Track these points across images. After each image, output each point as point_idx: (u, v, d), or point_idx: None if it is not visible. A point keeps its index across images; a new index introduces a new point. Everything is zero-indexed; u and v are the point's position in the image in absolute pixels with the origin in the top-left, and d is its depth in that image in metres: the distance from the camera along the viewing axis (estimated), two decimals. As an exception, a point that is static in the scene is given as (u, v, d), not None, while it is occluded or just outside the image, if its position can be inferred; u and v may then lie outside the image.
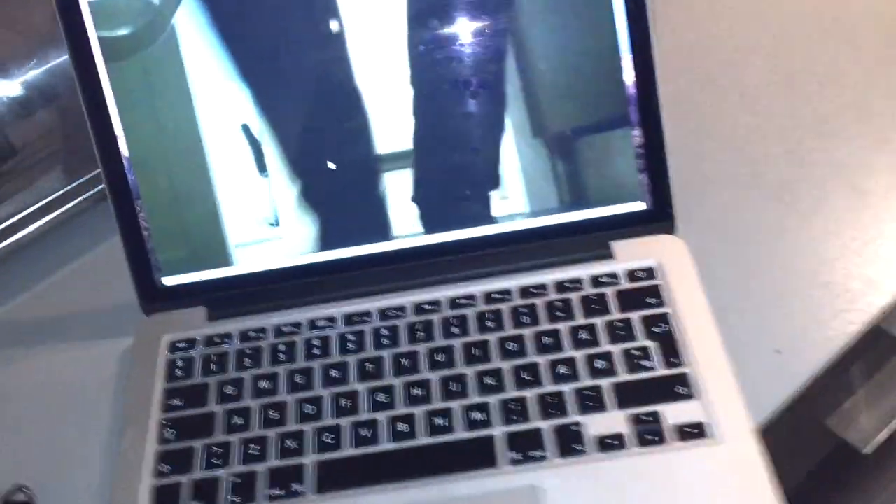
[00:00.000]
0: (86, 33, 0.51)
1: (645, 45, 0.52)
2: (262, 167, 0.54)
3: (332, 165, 0.54)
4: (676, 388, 0.48)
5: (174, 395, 0.52)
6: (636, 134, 0.53)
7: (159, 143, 0.53)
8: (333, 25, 0.52)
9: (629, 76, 0.52)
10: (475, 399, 0.49)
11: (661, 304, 0.52)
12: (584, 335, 0.51)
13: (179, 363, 0.53)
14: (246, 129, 0.54)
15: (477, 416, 0.49)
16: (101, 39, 0.52)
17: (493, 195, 0.55)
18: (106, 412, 0.53)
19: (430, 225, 0.55)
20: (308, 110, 0.53)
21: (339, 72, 0.53)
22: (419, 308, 0.54)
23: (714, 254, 0.55)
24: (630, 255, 0.54)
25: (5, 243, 0.56)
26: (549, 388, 0.49)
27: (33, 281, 0.61)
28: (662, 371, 0.49)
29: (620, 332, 0.51)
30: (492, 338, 0.52)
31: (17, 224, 0.56)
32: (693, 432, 0.47)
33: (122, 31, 0.51)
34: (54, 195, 0.56)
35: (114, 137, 0.53)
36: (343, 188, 0.55)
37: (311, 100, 0.53)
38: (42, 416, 0.54)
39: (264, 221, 0.55)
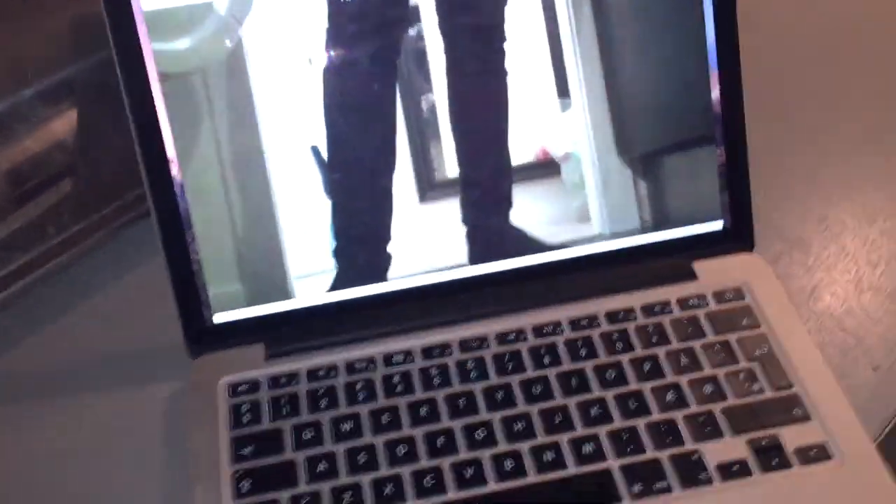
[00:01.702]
0: (139, 45, 0.46)
1: (733, 63, 0.51)
2: (328, 192, 0.50)
3: (396, 188, 0.51)
4: (793, 410, 0.46)
5: (244, 443, 0.46)
6: (720, 153, 0.52)
7: (217, 167, 0.49)
8: (408, 49, 0.49)
9: (716, 95, 0.51)
10: (582, 431, 0.46)
11: (755, 324, 0.50)
12: (684, 359, 0.49)
13: (245, 408, 0.48)
14: (315, 151, 0.50)
15: (588, 448, 0.45)
16: (156, 53, 0.47)
17: (572, 217, 0.53)
18: (159, 467, 0.47)
19: (503, 250, 0.52)
20: (379, 132, 0.50)
21: (406, 95, 0.49)
22: (502, 338, 0.50)
23: (794, 268, 0.55)
24: (714, 275, 0.52)
25: (22, 282, 0.50)
26: (659, 415, 0.46)
27: (54, 320, 0.54)
28: (772, 393, 0.47)
29: (721, 355, 0.49)
30: (587, 366, 0.49)
31: (37, 258, 0.50)
32: (816, 454, 0.45)
33: (182, 44, 0.47)
34: (78, 225, 0.51)
35: (166, 161, 0.48)
36: (413, 213, 0.51)
37: (379, 123, 0.50)
38: (86, 474, 0.47)
39: (328, 250, 0.51)
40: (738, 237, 0.53)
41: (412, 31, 0.50)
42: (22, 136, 0.49)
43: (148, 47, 0.47)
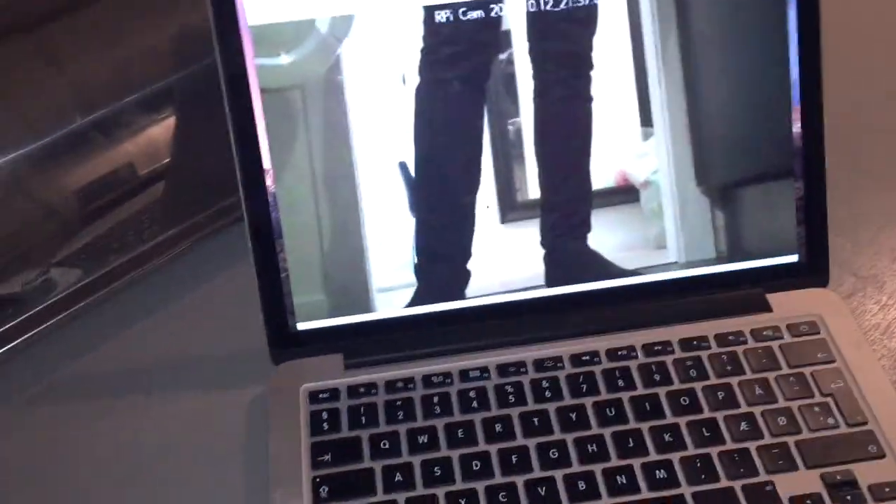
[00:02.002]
0: (243, 59, 0.48)
1: (816, 98, 0.51)
2: (413, 208, 0.52)
3: (487, 206, 0.52)
4: (868, 446, 0.46)
5: (323, 449, 0.47)
6: (798, 187, 0.53)
7: (309, 180, 0.50)
8: (502, 72, 0.50)
9: (798, 129, 0.52)
10: (655, 456, 0.47)
11: (830, 359, 0.50)
12: (758, 390, 0.49)
13: (324, 415, 0.49)
14: (403, 167, 0.51)
15: (661, 474, 0.46)
16: (259, 67, 0.49)
17: (649, 244, 0.54)
18: (239, 469, 0.49)
19: (579, 274, 0.53)
20: (466, 151, 0.51)
21: (493, 117, 0.51)
22: (577, 359, 0.51)
23: (867, 305, 0.55)
24: (788, 308, 0.53)
25: (115, 284, 0.52)
26: (733, 445, 0.47)
27: (141, 321, 0.56)
28: (846, 429, 0.47)
29: (795, 387, 0.49)
30: (661, 391, 0.49)
31: (132, 261, 0.52)
32: (890, 492, 0.45)
33: (284, 59, 0.48)
34: (170, 230, 0.52)
35: (262, 171, 0.49)
36: (494, 233, 0.53)
37: (466, 143, 0.51)
38: (168, 475, 0.49)
39: (410, 265, 0.52)
40: (813, 272, 0.54)
41: (503, 56, 0.51)
42: (123, 140, 0.51)
43: (252, 61, 0.49)
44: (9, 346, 0.50)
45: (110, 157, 0.51)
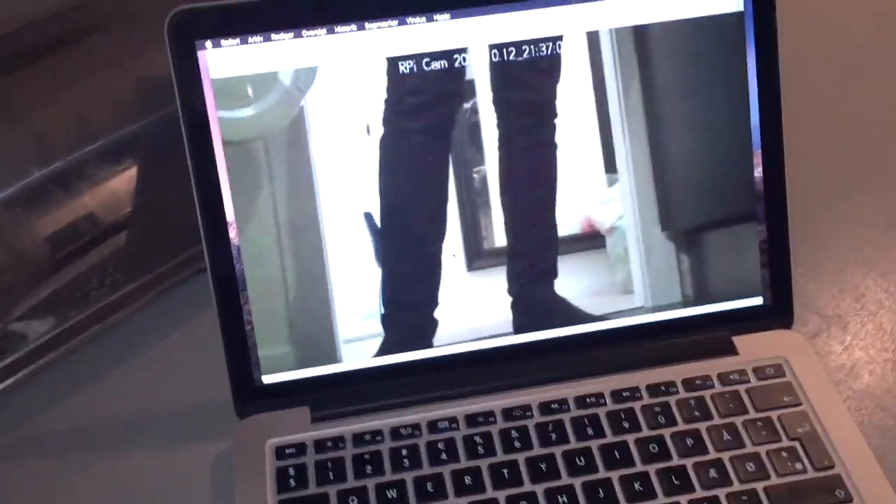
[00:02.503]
0: (206, 112, 0.47)
1: (776, 143, 0.52)
2: (379, 258, 0.51)
3: (454, 255, 0.52)
4: (835, 490, 0.46)
5: (290, 507, 0.48)
6: (761, 229, 0.53)
7: (273, 231, 0.50)
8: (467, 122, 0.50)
9: (759, 173, 0.52)
10: (625, 506, 0.47)
11: (796, 402, 0.51)
12: (726, 435, 0.49)
13: (291, 471, 0.48)
14: (368, 217, 0.51)
15: (631, 524, 0.46)
16: (221, 119, 0.48)
17: (615, 289, 0.54)
18: (204, 528, 0.48)
19: (546, 320, 0.53)
20: (432, 201, 0.51)
21: (458, 166, 0.51)
22: (546, 407, 0.51)
23: (832, 346, 0.55)
24: (754, 351, 0.53)
25: (77, 339, 0.51)
26: (703, 493, 0.46)
27: (104, 375, 0.54)
28: (814, 473, 0.47)
29: (762, 431, 0.49)
30: (629, 438, 0.49)
31: (93, 314, 0.51)
32: (858, 538, 0.46)
33: (247, 112, 0.48)
34: (132, 282, 0.52)
35: (225, 224, 0.49)
36: (461, 281, 0.52)
37: (431, 192, 0.51)
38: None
39: (376, 315, 0.52)
40: (777, 314, 0.54)
41: (467, 105, 0.51)
42: (82, 192, 0.50)
43: (214, 114, 0.48)
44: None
45: (70, 208, 0.50)
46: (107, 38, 0.52)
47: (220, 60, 0.48)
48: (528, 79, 0.51)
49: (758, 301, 0.54)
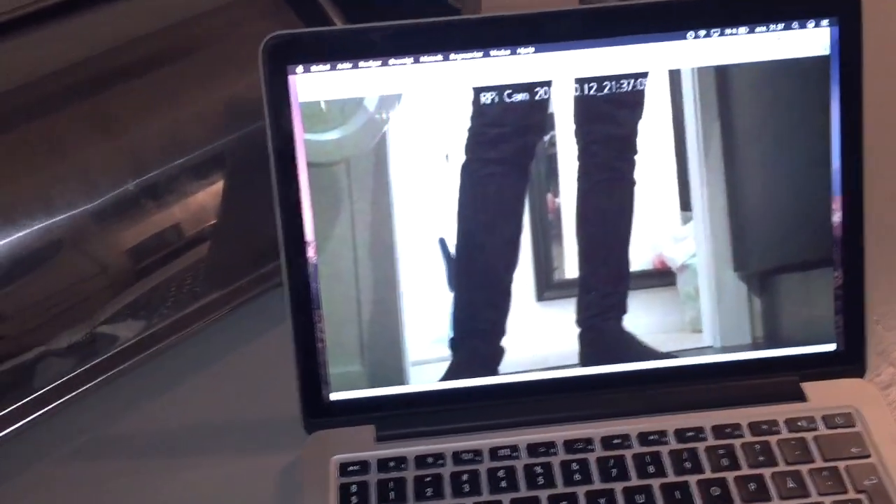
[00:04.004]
0: (293, 133, 0.49)
1: (857, 189, 0.52)
2: (451, 284, 0.52)
3: (516, 286, 0.52)
4: (901, 547, 0.46)
5: (352, 524, 0.48)
6: (837, 275, 0.53)
7: (350, 253, 0.51)
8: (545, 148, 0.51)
9: (837, 219, 0.52)
10: (685, 547, 0.47)
11: (865, 453, 0.50)
12: (791, 483, 0.49)
13: (353, 488, 0.49)
14: (442, 243, 0.52)
15: (690, 566, 0.46)
16: (307, 142, 0.50)
17: (684, 327, 0.54)
18: (267, 538, 0.49)
19: (613, 354, 0.53)
20: (506, 231, 0.52)
21: (534, 197, 0.51)
22: (608, 442, 0.51)
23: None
24: (823, 398, 0.52)
25: (156, 347, 0.53)
26: (764, 539, 0.47)
27: (178, 383, 0.56)
28: (879, 527, 0.48)
29: (828, 482, 0.49)
30: (692, 479, 0.49)
31: (174, 323, 0.53)
32: None
33: (332, 135, 0.49)
34: (211, 294, 0.54)
35: (304, 243, 0.50)
36: (530, 310, 0.53)
37: (507, 222, 0.52)
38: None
39: (445, 340, 0.53)
40: (850, 361, 0.53)
41: (546, 137, 0.52)
42: (171, 204, 0.52)
43: (300, 136, 0.50)
44: (50, 406, 0.50)
45: (158, 220, 0.52)
46: (200, 58, 0.54)
47: (310, 85, 0.50)
48: (611, 113, 0.52)
49: (830, 347, 0.54)
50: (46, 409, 0.50)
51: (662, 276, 0.54)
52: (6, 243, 0.48)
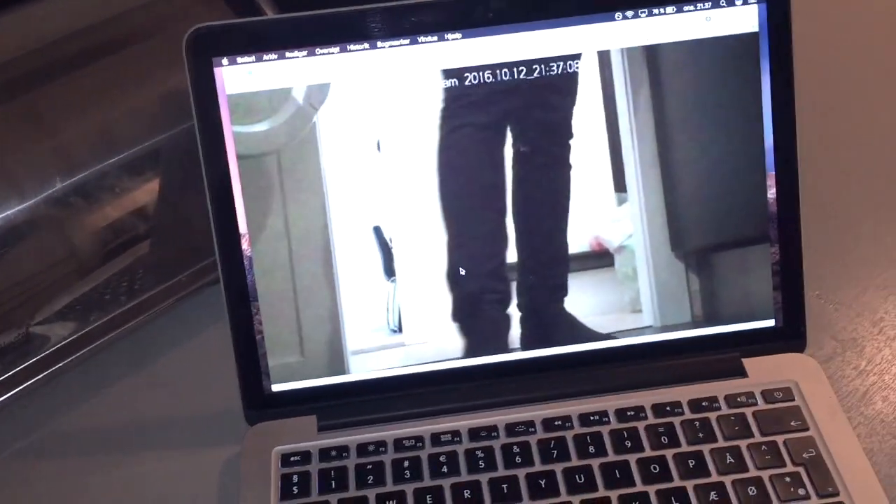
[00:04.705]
0: (221, 126, 0.49)
1: (791, 164, 0.52)
2: (389, 272, 0.52)
3: (462, 272, 0.53)
4: (837, 518, 0.47)
5: (292, 514, 0.49)
6: (774, 251, 0.53)
7: (284, 244, 0.51)
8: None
9: (772, 195, 0.52)
10: (624, 526, 0.47)
11: (804, 427, 0.50)
12: (730, 458, 0.49)
13: (295, 479, 0.49)
14: (377, 231, 0.52)
15: (629, 545, 0.46)
16: (236, 134, 0.50)
17: (624, 307, 0.54)
18: (209, 531, 0.49)
19: (554, 337, 0.53)
20: (446, 214, 0.52)
21: (482, 175, 0.51)
22: (548, 424, 0.51)
23: (846, 370, 0.55)
24: (763, 373, 0.53)
25: (96, 343, 0.53)
26: (702, 515, 0.47)
27: (119, 379, 0.56)
28: (817, 500, 0.47)
29: (767, 456, 0.49)
30: (631, 458, 0.49)
31: (112, 321, 0.53)
32: (860, 568, 0.45)
33: (261, 127, 0.49)
34: (151, 290, 0.53)
35: (237, 236, 0.50)
36: (469, 297, 0.53)
37: (449, 204, 0.52)
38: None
39: (386, 328, 0.53)
40: (789, 336, 0.54)
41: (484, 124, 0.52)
42: (104, 203, 0.52)
43: (229, 129, 0.50)
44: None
45: (92, 218, 0.52)
46: (132, 53, 0.54)
47: (236, 77, 0.50)
48: (544, 98, 0.52)
49: (769, 323, 0.54)
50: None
51: (600, 258, 0.54)
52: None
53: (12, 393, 0.50)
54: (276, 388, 0.52)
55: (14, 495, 0.52)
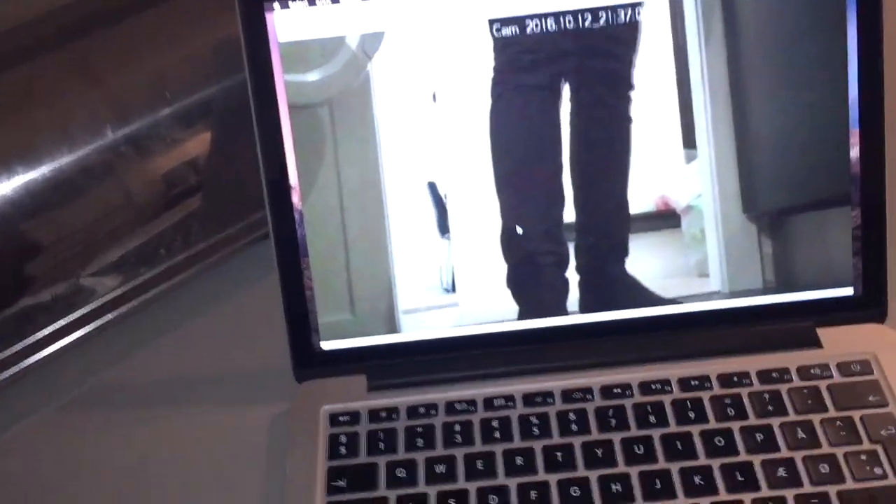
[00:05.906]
0: (272, 75, 0.47)
1: (877, 121, 0.48)
2: (443, 229, 0.51)
3: (519, 230, 0.50)
4: (918, 500, 0.44)
5: (339, 475, 0.46)
6: (855, 215, 0.50)
7: (336, 198, 0.49)
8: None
9: (855, 154, 0.49)
10: (684, 500, 0.44)
11: (882, 402, 0.47)
12: (801, 433, 0.46)
13: (343, 439, 0.48)
14: (432, 187, 0.50)
15: (688, 519, 0.44)
16: (288, 83, 0.48)
17: (690, 271, 0.51)
18: (256, 488, 0.48)
19: (614, 300, 0.51)
20: (502, 171, 0.50)
21: (537, 136, 0.49)
22: (607, 391, 0.49)
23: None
24: (839, 345, 0.49)
25: (144, 296, 0.53)
26: (769, 492, 0.44)
27: (168, 333, 0.56)
28: (894, 479, 0.44)
29: (841, 432, 0.46)
30: (694, 430, 0.47)
31: (162, 274, 0.52)
32: (941, 553, 0.42)
33: (313, 76, 0.48)
34: (202, 243, 0.53)
35: (288, 189, 0.49)
36: (525, 257, 0.51)
37: (505, 162, 0.50)
38: (186, 489, 0.49)
39: (439, 287, 0.51)
40: (868, 306, 0.50)
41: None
42: (156, 154, 0.51)
43: (280, 78, 0.48)
44: (41, 354, 0.50)
45: (143, 170, 0.51)
46: (184, 1, 0.53)
47: (288, 23, 0.48)
48: (605, 47, 0.49)
49: (847, 291, 0.50)
50: (36, 358, 0.50)
51: (666, 219, 0.51)
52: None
53: (61, 345, 0.50)
54: (325, 345, 0.51)
55: (61, 449, 0.52)
